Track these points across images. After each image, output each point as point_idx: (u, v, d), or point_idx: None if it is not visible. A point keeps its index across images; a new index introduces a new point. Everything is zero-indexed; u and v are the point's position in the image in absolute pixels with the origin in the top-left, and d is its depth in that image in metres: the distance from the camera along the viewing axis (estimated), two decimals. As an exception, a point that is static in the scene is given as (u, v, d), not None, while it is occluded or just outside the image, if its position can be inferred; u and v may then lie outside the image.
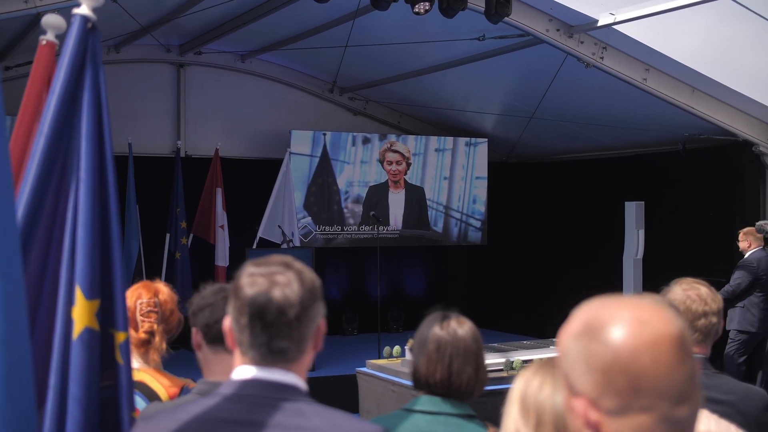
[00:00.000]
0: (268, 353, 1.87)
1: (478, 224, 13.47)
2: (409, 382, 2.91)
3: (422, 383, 2.59)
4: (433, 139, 13.20)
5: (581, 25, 9.01)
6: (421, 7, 7.39)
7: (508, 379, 6.58)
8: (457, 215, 13.36)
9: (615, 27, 8.92)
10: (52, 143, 2.02)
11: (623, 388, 1.23)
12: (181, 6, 9.66)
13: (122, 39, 11.11)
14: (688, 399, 1.26)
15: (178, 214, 10.87)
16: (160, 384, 3.11)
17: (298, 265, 1.95)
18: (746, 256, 9.29)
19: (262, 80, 12.76)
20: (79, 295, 1.98)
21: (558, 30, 9.09)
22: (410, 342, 2.70)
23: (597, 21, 8.79)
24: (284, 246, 11.03)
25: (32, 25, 9.04)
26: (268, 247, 11.08)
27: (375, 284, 13.37)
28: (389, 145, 12.89)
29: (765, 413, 2.97)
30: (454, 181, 13.27)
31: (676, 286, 2.97)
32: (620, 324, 1.26)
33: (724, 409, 2.87)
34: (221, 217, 11.00)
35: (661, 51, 9.23)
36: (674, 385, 1.25)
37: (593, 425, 1.26)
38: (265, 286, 1.87)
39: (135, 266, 10.59)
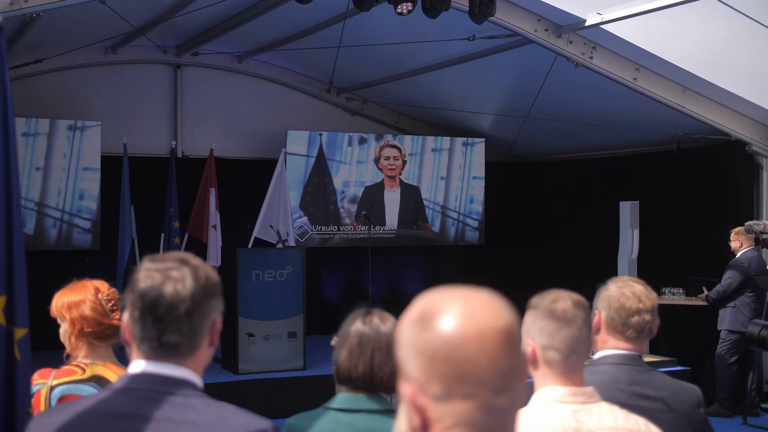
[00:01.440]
0: (159, 347, 1.90)
1: (475, 224, 13.48)
2: None
3: (344, 377, 2.61)
4: (430, 139, 13.22)
5: (570, 25, 9.00)
6: (404, 8, 7.40)
7: None
8: (454, 215, 13.37)
9: (605, 27, 8.91)
10: None
11: (448, 375, 1.27)
12: (176, 6, 9.70)
13: (119, 40, 11.18)
14: (508, 389, 1.30)
15: (172, 214, 10.93)
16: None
17: (196, 261, 1.98)
18: (738, 255, 9.26)
19: (259, 81, 12.81)
20: None
21: (547, 30, 9.09)
22: (335, 339, 2.73)
23: (585, 21, 8.78)
24: (279, 246, 11.06)
25: (23, 27, 9.11)
26: (263, 246, 11.13)
27: (371, 284, 13.43)
28: (386, 142, 12.92)
29: (696, 410, 2.97)
30: (451, 180, 13.29)
31: (611, 284, 2.98)
32: (450, 314, 1.30)
33: (654, 404, 2.88)
34: (214, 217, 11.04)
35: (652, 51, 9.22)
36: (496, 375, 1.28)
37: (419, 409, 1.30)
38: (159, 280, 1.90)
39: (127, 265, 10.65)
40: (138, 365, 1.92)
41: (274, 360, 9.54)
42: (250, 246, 11.30)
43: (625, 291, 2.93)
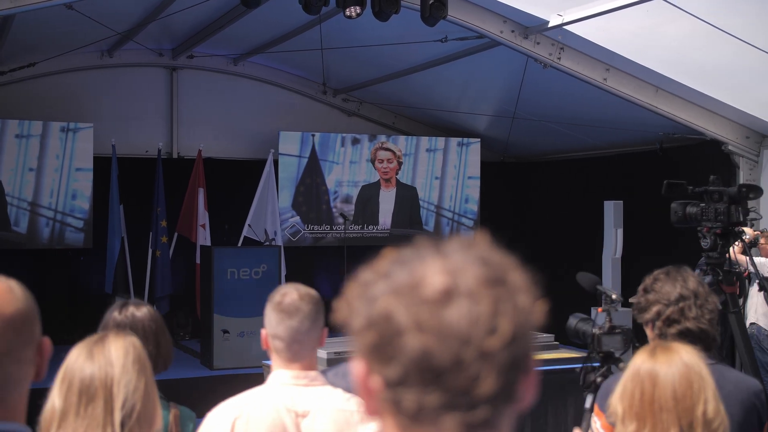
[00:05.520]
0: None
1: (470, 223, 13.57)
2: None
3: None
4: (424, 139, 13.34)
5: (535, 27, 9.07)
6: (352, 11, 7.55)
7: None
8: (449, 214, 13.48)
9: (573, 29, 8.97)
10: None
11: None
12: (162, 3, 9.87)
13: (114, 43, 11.49)
14: None
15: (159, 213, 11.22)
16: None
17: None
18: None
19: (255, 83, 13.05)
20: None
21: (513, 31, 9.17)
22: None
23: (548, 22, 8.86)
24: (267, 244, 11.33)
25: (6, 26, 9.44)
26: (252, 245, 11.39)
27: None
28: (381, 144, 13.08)
29: None
30: (446, 180, 13.39)
31: None
32: None
33: None
34: (203, 216, 11.32)
35: (621, 52, 9.24)
36: None
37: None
38: None
39: (117, 264, 10.97)
40: None
41: (248, 356, 9.76)
42: (239, 244, 11.59)
43: None
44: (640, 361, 2.21)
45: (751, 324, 8.63)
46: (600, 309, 3.45)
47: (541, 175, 13.78)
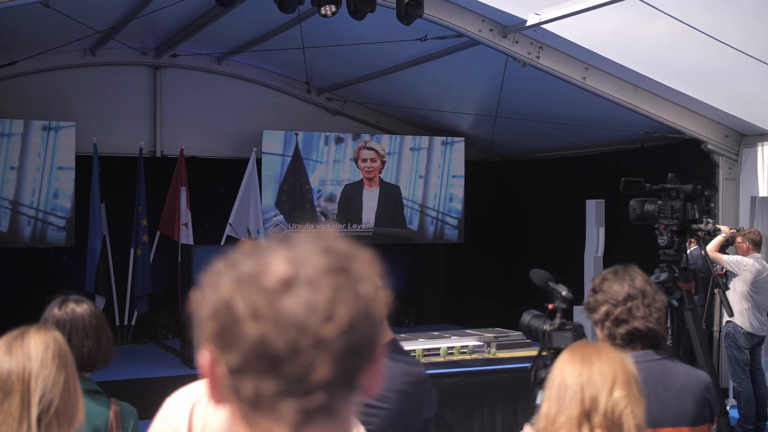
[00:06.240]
0: None
1: (454, 222, 13.59)
2: None
3: None
4: (408, 138, 13.35)
5: (514, 26, 9.09)
6: (327, 10, 7.56)
7: (444, 364, 6.86)
8: (433, 213, 13.49)
9: (551, 28, 8.98)
10: None
11: None
12: (143, 1, 9.85)
13: (97, 41, 11.46)
14: None
15: (140, 212, 11.22)
16: None
17: None
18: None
19: (239, 82, 13.04)
20: None
21: (491, 30, 9.18)
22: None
23: (527, 21, 8.87)
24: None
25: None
26: (234, 244, 11.38)
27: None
28: (364, 143, 13.09)
29: (420, 386, 3.17)
30: (430, 179, 13.41)
31: None
32: None
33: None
34: (185, 215, 11.31)
35: (599, 51, 9.26)
36: None
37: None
38: None
39: (99, 262, 10.97)
40: None
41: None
42: (222, 243, 11.59)
43: None
44: (556, 366, 2.22)
45: (727, 322, 8.67)
46: (551, 306, 3.46)
47: (525, 174, 13.81)
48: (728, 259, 8.53)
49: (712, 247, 8.54)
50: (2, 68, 11.11)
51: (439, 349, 6.83)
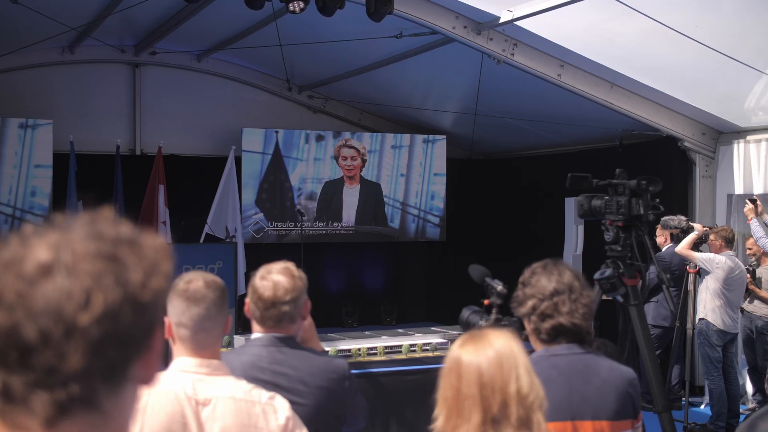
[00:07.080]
0: None
1: (436, 220, 13.56)
2: None
3: None
4: (390, 136, 13.33)
5: (488, 23, 9.06)
6: (296, 6, 7.52)
7: (406, 361, 6.83)
8: (415, 212, 13.46)
9: (526, 25, 8.95)
10: None
11: None
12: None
13: (74, 38, 11.42)
14: None
15: (117, 210, 11.18)
16: None
17: None
18: (662, 251, 9.28)
19: (219, 79, 13.00)
20: None
21: (465, 27, 9.15)
22: None
23: (500, 18, 8.84)
24: (227, 241, 11.32)
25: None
26: (211, 242, 11.38)
27: (331, 280, 13.56)
28: (344, 142, 13.06)
29: (341, 383, 3.15)
30: (411, 177, 13.38)
31: (257, 272, 3.12)
32: None
33: (291, 382, 3.05)
34: (163, 213, 11.27)
35: (575, 49, 9.23)
36: None
37: None
38: None
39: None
40: None
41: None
42: (201, 241, 11.57)
43: (265, 283, 3.06)
44: (449, 354, 2.20)
45: (700, 320, 8.66)
46: (486, 301, 3.45)
47: (506, 172, 13.78)
48: (700, 257, 8.51)
49: (684, 244, 8.53)
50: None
51: (401, 346, 6.81)
